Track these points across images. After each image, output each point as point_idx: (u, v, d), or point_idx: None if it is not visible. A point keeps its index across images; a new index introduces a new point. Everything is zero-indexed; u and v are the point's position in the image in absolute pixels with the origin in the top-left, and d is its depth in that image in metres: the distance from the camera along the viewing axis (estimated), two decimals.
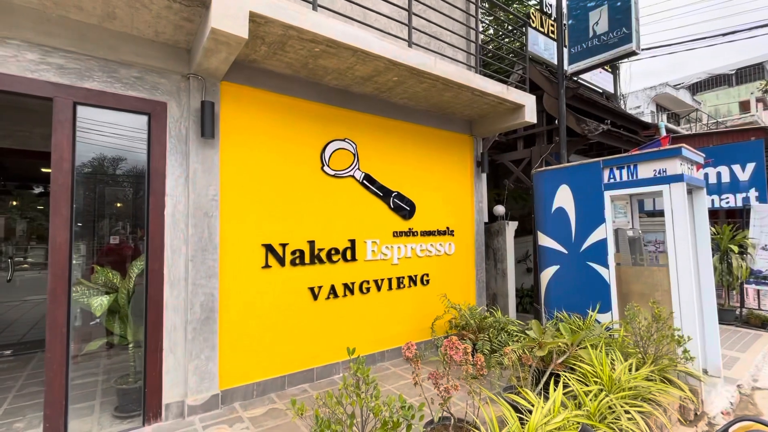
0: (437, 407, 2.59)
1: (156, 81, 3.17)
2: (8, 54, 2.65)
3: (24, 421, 3.09)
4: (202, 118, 3.20)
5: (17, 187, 7.16)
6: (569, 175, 4.31)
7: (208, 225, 3.27)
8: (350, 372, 1.75)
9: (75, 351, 3.45)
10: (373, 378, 1.75)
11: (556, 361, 3.04)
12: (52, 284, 2.70)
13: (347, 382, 1.72)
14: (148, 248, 3.08)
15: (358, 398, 1.60)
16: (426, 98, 4.48)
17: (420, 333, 4.71)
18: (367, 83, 4.01)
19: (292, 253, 3.77)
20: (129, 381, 3.18)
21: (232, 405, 3.33)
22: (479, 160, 5.45)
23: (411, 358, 2.54)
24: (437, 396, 2.42)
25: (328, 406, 1.64)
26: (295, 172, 3.82)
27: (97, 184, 3.22)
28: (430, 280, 4.85)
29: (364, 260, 4.27)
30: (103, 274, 3.16)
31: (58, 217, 2.74)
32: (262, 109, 3.65)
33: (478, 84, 4.20)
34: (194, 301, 3.17)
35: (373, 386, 1.74)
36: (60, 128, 2.79)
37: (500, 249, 6.14)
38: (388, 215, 4.51)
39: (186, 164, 3.25)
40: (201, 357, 3.18)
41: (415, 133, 4.81)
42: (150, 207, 3.10)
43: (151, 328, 3.05)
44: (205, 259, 3.24)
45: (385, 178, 4.50)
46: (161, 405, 3.06)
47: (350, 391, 1.64)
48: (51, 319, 2.70)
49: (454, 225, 5.17)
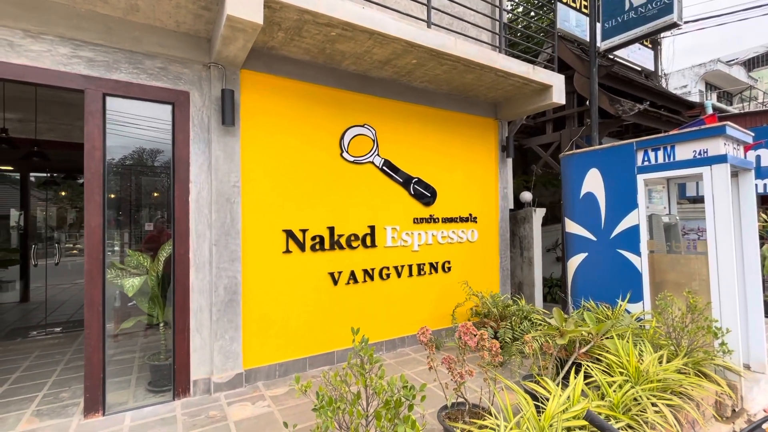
0: (452, 392, 2.58)
1: (179, 71, 3.26)
2: (43, 49, 2.80)
3: (69, 391, 3.36)
4: (222, 107, 3.27)
5: (64, 178, 7.68)
6: (599, 159, 4.08)
7: (231, 211, 3.37)
8: (355, 350, 1.76)
9: (113, 329, 3.69)
10: (378, 358, 1.75)
11: (579, 350, 2.93)
12: (88, 266, 2.89)
13: (352, 361, 1.74)
14: (174, 233, 3.22)
15: (362, 378, 1.60)
16: (447, 81, 4.36)
17: (441, 320, 4.68)
18: (385, 67, 3.95)
19: (312, 239, 3.82)
20: (161, 358, 3.37)
21: (255, 384, 3.47)
22: (504, 145, 5.27)
23: (426, 343, 2.53)
24: (452, 381, 2.41)
25: (333, 384, 1.66)
26: (314, 159, 3.84)
27: (125, 173, 3.38)
28: (452, 267, 4.79)
29: (384, 246, 4.27)
30: (135, 258, 3.33)
31: (91, 203, 2.91)
32: (281, 96, 3.68)
33: (501, 64, 4.03)
34: (218, 284, 3.29)
35: (377, 366, 1.74)
36: (91, 119, 2.93)
37: (527, 237, 5.96)
38: (409, 202, 4.47)
39: (208, 152, 3.34)
40: (225, 337, 3.32)
41: (437, 118, 4.71)
42: (175, 194, 3.23)
43: (178, 309, 3.20)
44: (228, 244, 3.34)
45: (406, 164, 4.44)
46: (189, 381, 3.22)
47: (355, 371, 1.65)
48: (88, 298, 2.89)
49: (477, 212, 5.05)
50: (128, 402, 3.14)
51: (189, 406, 3.08)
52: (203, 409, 3.03)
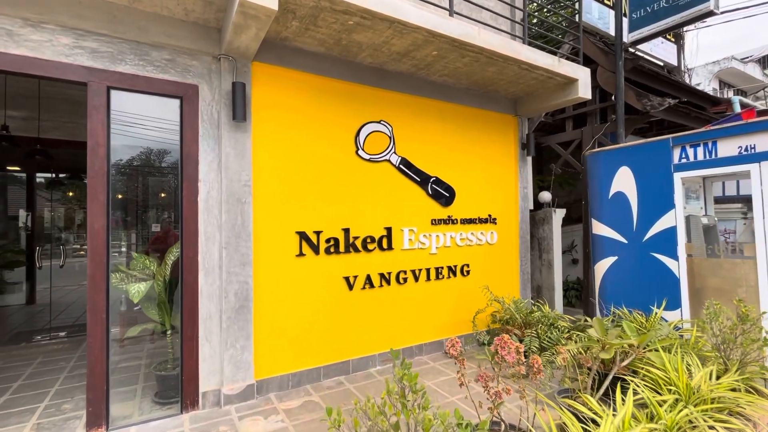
0: (485, 411, 2.36)
1: (187, 63, 3.07)
2: (44, 38, 2.62)
3: (72, 402, 3.18)
4: (233, 101, 3.08)
5: (69, 178, 7.56)
6: (631, 156, 3.84)
7: (241, 211, 3.17)
8: (395, 377, 1.54)
9: (118, 334, 3.52)
10: (422, 386, 1.53)
11: (620, 364, 2.69)
12: (91, 270, 2.70)
13: (390, 388, 1.52)
14: (182, 235, 3.03)
15: (404, 410, 1.39)
16: (467, 74, 4.14)
17: (460, 326, 4.45)
18: (403, 59, 3.74)
19: (327, 241, 3.62)
20: (168, 367, 3.18)
21: (267, 395, 3.26)
22: (524, 142, 5.04)
23: (456, 357, 2.31)
24: (486, 398, 2.19)
25: (368, 416, 1.44)
26: (328, 157, 3.64)
27: (131, 172, 3.20)
28: (471, 270, 4.56)
29: (400, 249, 4.05)
30: (140, 261, 3.15)
31: (95, 203, 2.72)
32: (295, 90, 3.48)
33: (525, 56, 3.80)
34: (228, 290, 3.10)
35: (421, 395, 1.52)
36: (95, 113, 2.75)
37: (546, 238, 5.72)
38: (426, 202, 4.25)
39: (218, 149, 3.15)
40: (236, 346, 3.12)
41: (455, 114, 4.49)
42: (184, 193, 3.04)
43: (187, 315, 3.01)
44: (238, 247, 3.15)
45: (423, 162, 4.23)
46: (198, 393, 3.03)
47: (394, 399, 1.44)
48: (91, 304, 2.71)
49: (496, 212, 4.82)
50: (133, 415, 2.95)
51: (198, 421, 2.88)
52: (213, 424, 2.83)
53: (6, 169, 7.85)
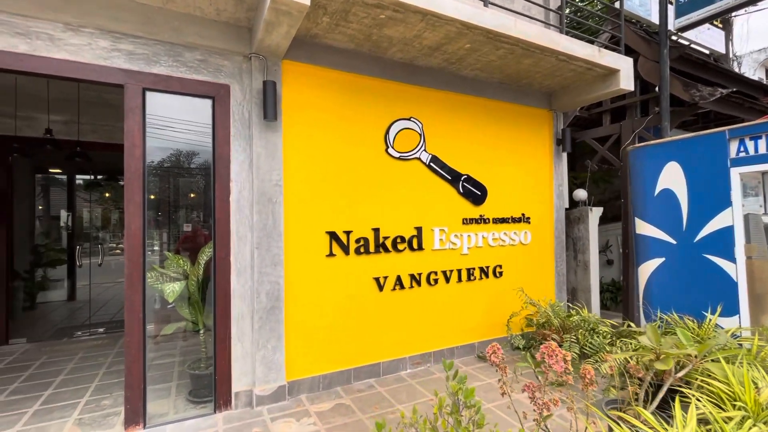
0: (529, 421, 2.23)
1: (219, 63, 3.07)
2: (83, 42, 2.67)
3: (111, 398, 3.25)
4: (264, 100, 3.06)
5: (106, 179, 7.85)
6: (680, 150, 3.58)
7: (273, 212, 3.15)
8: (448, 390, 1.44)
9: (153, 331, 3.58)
10: (478, 402, 1.43)
11: (675, 375, 2.49)
12: (128, 270, 2.74)
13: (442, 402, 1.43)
14: (215, 235, 3.03)
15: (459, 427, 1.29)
16: (500, 68, 3.98)
17: (492, 329, 4.30)
18: (435, 54, 3.62)
19: (357, 242, 3.55)
20: (201, 367, 3.20)
21: (298, 397, 3.23)
22: (560, 138, 4.81)
23: (498, 364, 2.19)
24: (531, 408, 2.06)
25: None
26: (358, 155, 3.57)
27: (164, 173, 3.24)
28: (504, 272, 4.40)
29: (431, 249, 3.94)
30: (174, 261, 3.18)
31: (131, 204, 2.76)
32: (324, 88, 3.43)
33: (564, 47, 3.60)
34: (260, 290, 3.08)
35: (476, 410, 1.42)
36: (131, 115, 2.78)
37: (582, 238, 5.47)
38: (458, 201, 4.12)
39: (249, 149, 3.14)
40: (268, 347, 3.10)
41: (487, 109, 4.33)
42: (216, 193, 3.04)
43: (219, 316, 3.01)
44: (270, 247, 3.13)
45: (454, 159, 4.10)
46: (231, 393, 3.03)
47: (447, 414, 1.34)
48: (129, 303, 2.74)
49: (530, 211, 4.63)
50: (169, 413, 2.98)
51: (231, 421, 2.88)
52: (246, 425, 2.81)
53: (48, 172, 8.25)
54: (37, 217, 8.50)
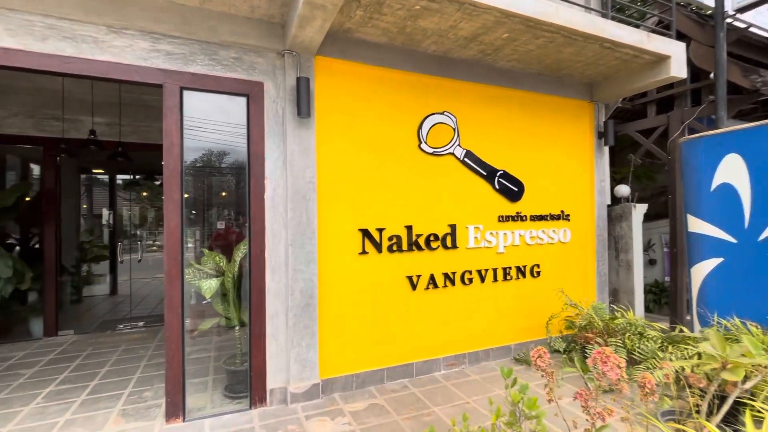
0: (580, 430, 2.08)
1: (253, 60, 3.08)
2: (125, 44, 2.73)
3: (152, 390, 3.34)
4: (297, 96, 3.03)
5: (144, 179, 8.18)
6: (742, 141, 3.28)
7: (306, 209, 3.13)
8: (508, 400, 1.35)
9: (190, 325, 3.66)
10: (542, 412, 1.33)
11: (741, 386, 2.28)
12: (167, 266, 2.79)
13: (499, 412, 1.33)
14: (250, 233, 3.04)
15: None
16: (539, 58, 3.79)
17: (529, 331, 4.13)
18: (470, 45, 3.49)
19: (389, 239, 3.49)
20: (236, 362, 3.23)
21: (332, 395, 3.21)
22: (602, 131, 4.55)
23: (545, 369, 2.06)
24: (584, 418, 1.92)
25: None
26: (390, 151, 3.50)
27: (199, 171, 3.28)
28: (542, 271, 4.21)
29: (465, 248, 3.82)
30: (211, 258, 3.22)
31: (170, 202, 2.80)
32: (356, 83, 3.37)
33: (611, 33, 3.38)
34: (294, 287, 3.07)
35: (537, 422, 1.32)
36: (169, 114, 2.83)
37: (624, 237, 5.17)
38: (493, 197, 3.97)
39: (283, 146, 3.13)
40: (302, 344, 3.09)
41: (523, 102, 4.15)
42: (251, 191, 3.05)
43: (255, 312, 3.03)
44: (303, 244, 3.11)
45: (489, 154, 3.95)
46: (266, 389, 3.04)
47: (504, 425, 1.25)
48: (168, 299, 2.79)
49: (569, 208, 4.41)
50: (206, 407, 3.03)
51: (266, 418, 2.89)
52: (281, 422, 2.81)
53: (92, 172, 8.68)
54: (82, 216, 8.96)
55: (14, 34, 2.51)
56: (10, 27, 2.50)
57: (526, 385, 1.47)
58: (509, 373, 1.51)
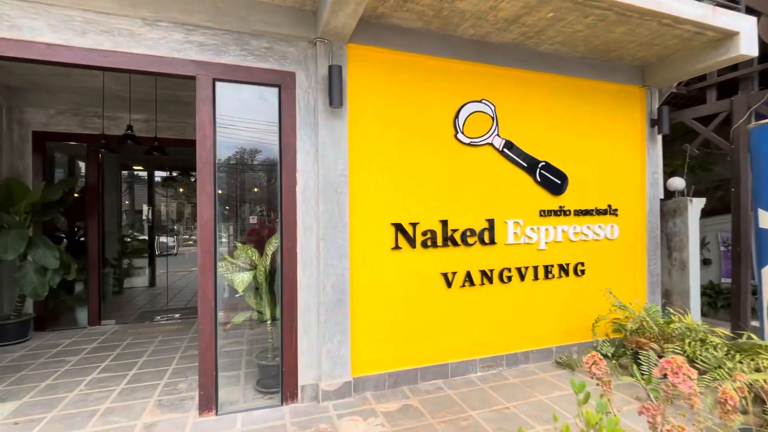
0: None
1: (284, 50, 3.00)
2: (159, 36, 2.72)
3: (186, 382, 3.38)
4: (330, 85, 2.94)
5: (180, 174, 8.43)
6: None
7: (338, 202, 3.04)
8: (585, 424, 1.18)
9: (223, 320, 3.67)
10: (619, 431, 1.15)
11: None
12: (201, 259, 2.78)
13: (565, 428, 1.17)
14: (282, 226, 2.98)
15: None
16: (585, 40, 3.50)
17: (572, 333, 3.86)
18: (511, 27, 3.26)
19: (423, 234, 3.34)
20: (268, 357, 3.20)
21: (363, 394, 3.11)
22: (654, 118, 4.19)
23: (601, 378, 1.86)
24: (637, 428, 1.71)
25: None
26: (425, 141, 3.34)
27: (231, 164, 3.26)
28: (586, 270, 3.93)
29: (504, 244, 3.61)
30: (244, 251, 3.20)
31: (203, 194, 2.78)
32: (389, 71, 3.24)
33: (671, 8, 3.06)
34: (326, 282, 2.99)
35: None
36: (202, 106, 2.81)
37: (678, 234, 4.74)
38: (534, 190, 3.73)
39: (315, 137, 3.05)
40: (333, 341, 3.01)
41: (567, 88, 3.86)
42: (283, 183, 2.99)
43: (286, 307, 2.97)
44: (335, 238, 3.02)
45: (530, 145, 3.71)
46: (297, 386, 2.98)
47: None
48: (202, 292, 2.78)
49: (617, 202, 4.09)
50: (238, 401, 3.01)
51: (297, 415, 2.83)
52: (312, 420, 2.74)
53: (132, 168, 9.06)
54: (124, 211, 9.35)
55: (56, 29, 2.55)
56: (51, 22, 2.54)
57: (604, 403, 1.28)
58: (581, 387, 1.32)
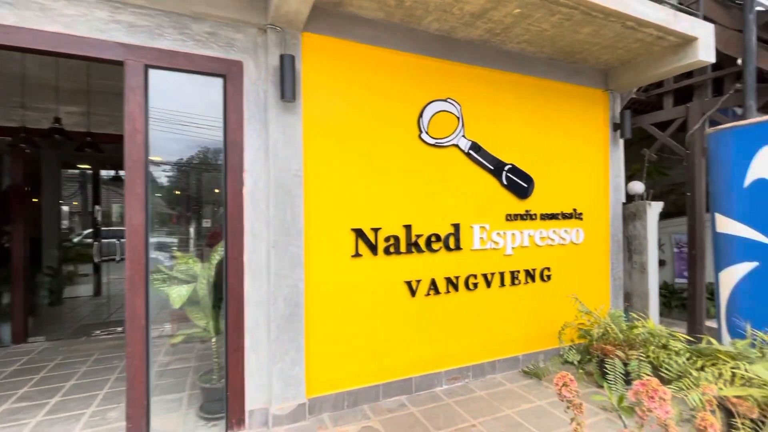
0: None
1: (230, 37, 2.70)
2: (78, 13, 2.35)
3: (117, 410, 2.97)
4: (281, 77, 2.66)
5: None
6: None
7: (291, 206, 2.76)
8: None
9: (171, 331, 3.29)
10: None
11: None
12: (129, 271, 2.41)
13: None
14: (226, 233, 2.67)
15: None
16: (552, 39, 3.42)
17: (539, 341, 3.78)
18: (477, 23, 3.12)
19: (386, 240, 3.12)
20: (213, 379, 2.87)
21: (320, 416, 2.85)
22: (617, 122, 4.20)
23: (571, 401, 1.71)
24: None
25: None
26: (388, 141, 3.13)
27: (169, 163, 2.91)
28: (552, 275, 3.85)
29: (470, 249, 3.46)
30: (183, 261, 2.85)
31: (132, 196, 2.42)
32: (349, 64, 3.00)
33: (634, 10, 3.02)
34: (277, 295, 2.70)
35: None
36: (132, 95, 2.45)
37: (638, 237, 4.80)
38: (500, 194, 3.61)
39: (266, 134, 2.76)
40: (285, 359, 2.72)
41: (533, 89, 3.78)
42: (228, 185, 2.67)
43: (231, 323, 2.66)
44: (288, 246, 2.74)
45: (496, 146, 3.58)
46: (245, 411, 2.67)
47: None
48: (130, 309, 2.42)
49: (582, 206, 4.05)
50: (176, 431, 2.66)
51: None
52: None
53: (75, 167, 8.26)
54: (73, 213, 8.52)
55: None
56: None
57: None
58: None
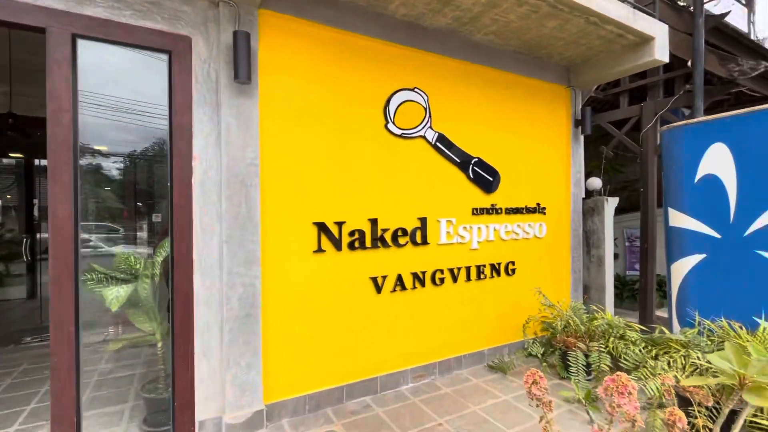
0: None
1: (177, 8, 2.42)
2: None
3: (46, 428, 2.63)
4: (235, 56, 2.42)
5: None
6: (728, 130, 3.07)
7: (246, 197, 2.54)
8: None
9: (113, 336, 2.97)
10: None
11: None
12: (54, 271, 2.11)
13: None
14: (172, 226, 2.41)
15: None
16: (518, 32, 3.40)
17: (504, 334, 3.79)
18: (444, 10, 3.02)
19: (350, 234, 2.97)
20: (158, 388, 2.60)
21: (279, 423, 2.66)
22: (579, 118, 4.28)
23: (541, 400, 1.66)
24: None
25: None
26: (352, 130, 2.97)
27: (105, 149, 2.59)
28: (516, 269, 3.87)
29: (437, 244, 3.38)
30: (122, 259, 2.55)
31: (57, 185, 2.11)
32: (312, 47, 2.80)
33: (597, 5, 3.04)
34: (231, 294, 2.48)
35: None
36: (57, 69, 2.13)
37: (596, 231, 4.98)
38: (467, 188, 3.56)
39: (217, 118, 2.51)
40: (241, 364, 2.51)
41: (500, 83, 3.76)
42: (174, 174, 2.41)
43: (179, 326, 2.41)
44: (243, 241, 2.52)
45: (463, 139, 3.53)
46: (194, 422, 2.44)
47: None
48: (56, 316, 2.11)
49: (545, 201, 4.11)
50: None
51: None
52: None
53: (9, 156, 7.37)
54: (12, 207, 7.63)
55: None
56: None
57: None
58: None
